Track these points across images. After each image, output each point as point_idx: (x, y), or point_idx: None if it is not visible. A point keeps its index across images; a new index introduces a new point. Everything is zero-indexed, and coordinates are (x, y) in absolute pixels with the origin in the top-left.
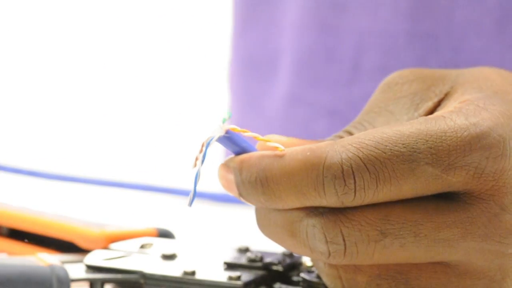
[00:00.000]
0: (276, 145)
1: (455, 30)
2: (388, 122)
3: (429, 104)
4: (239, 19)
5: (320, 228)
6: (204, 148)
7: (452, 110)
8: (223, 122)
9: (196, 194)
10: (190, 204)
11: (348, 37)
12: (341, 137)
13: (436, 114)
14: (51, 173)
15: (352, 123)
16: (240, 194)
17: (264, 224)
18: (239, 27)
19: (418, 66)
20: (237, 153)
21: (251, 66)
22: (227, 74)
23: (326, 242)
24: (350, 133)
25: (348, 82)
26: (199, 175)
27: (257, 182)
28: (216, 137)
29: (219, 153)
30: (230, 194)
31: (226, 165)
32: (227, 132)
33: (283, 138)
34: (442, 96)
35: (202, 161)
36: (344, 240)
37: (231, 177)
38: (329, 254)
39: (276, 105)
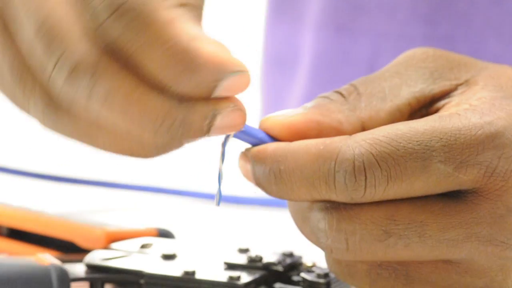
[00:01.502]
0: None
1: (474, 33)
2: (400, 85)
3: (446, 84)
4: (270, 15)
5: (324, 224)
6: (222, 147)
7: (467, 108)
8: None
9: (221, 194)
10: (218, 203)
11: (365, 39)
12: (347, 90)
13: (451, 111)
14: (51, 174)
15: (362, 77)
16: (257, 183)
17: (290, 206)
18: (269, 24)
19: None
20: (255, 144)
21: (277, 63)
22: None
23: (328, 238)
24: (355, 87)
25: None
26: (222, 174)
27: (270, 174)
28: (233, 133)
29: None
30: (250, 182)
31: (245, 155)
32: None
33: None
34: (461, 81)
35: (223, 160)
36: (346, 238)
37: (249, 167)
38: (331, 250)
39: (297, 103)
